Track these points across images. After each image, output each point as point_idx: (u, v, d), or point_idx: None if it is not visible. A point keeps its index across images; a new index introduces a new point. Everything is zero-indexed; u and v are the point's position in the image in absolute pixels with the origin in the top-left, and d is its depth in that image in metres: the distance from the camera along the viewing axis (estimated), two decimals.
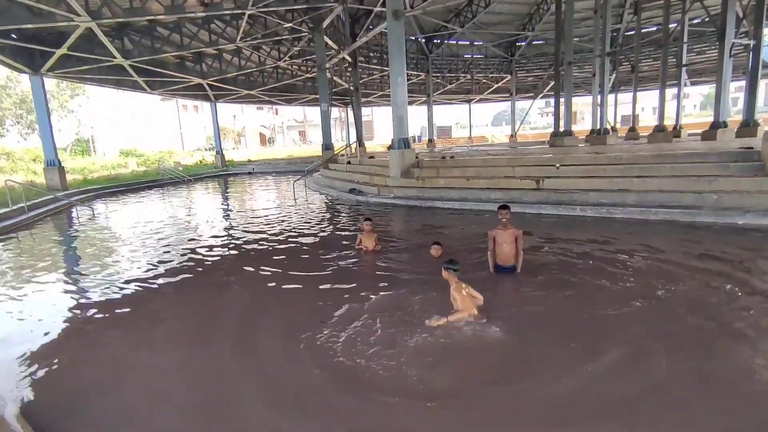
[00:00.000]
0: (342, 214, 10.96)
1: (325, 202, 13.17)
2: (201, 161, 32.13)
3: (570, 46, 18.17)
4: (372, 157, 17.20)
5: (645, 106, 51.34)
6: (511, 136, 33.04)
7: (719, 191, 7.23)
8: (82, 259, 7.71)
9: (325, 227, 9.14)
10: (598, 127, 19.12)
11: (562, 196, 8.71)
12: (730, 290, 4.32)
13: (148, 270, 6.34)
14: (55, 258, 7.67)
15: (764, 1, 14.18)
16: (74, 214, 13.10)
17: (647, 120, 41.09)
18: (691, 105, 59.54)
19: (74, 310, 5.00)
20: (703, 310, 3.93)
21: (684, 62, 19.18)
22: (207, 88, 24.86)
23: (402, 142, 12.21)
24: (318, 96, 29.58)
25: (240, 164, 31.27)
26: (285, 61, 23.78)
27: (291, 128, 59.89)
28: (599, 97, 18.86)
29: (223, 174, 27.72)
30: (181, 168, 26.13)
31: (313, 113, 52.71)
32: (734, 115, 20.70)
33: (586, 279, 4.89)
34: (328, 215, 11.00)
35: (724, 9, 13.89)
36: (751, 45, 15.62)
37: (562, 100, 19.85)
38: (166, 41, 18.55)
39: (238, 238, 8.32)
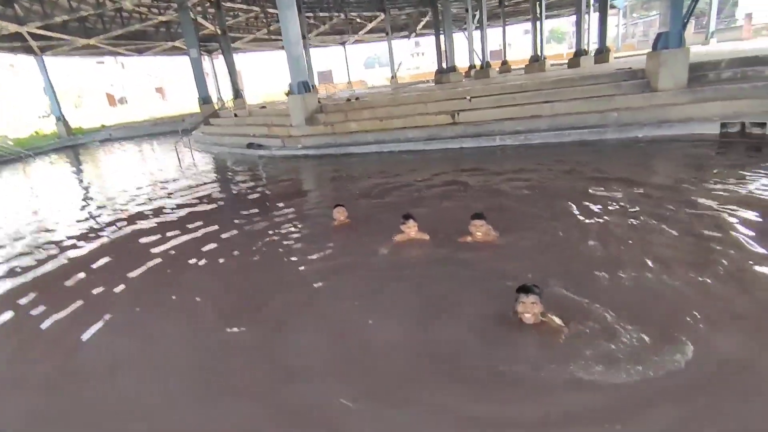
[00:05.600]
0: (248, 175, 9.74)
1: (225, 164, 11.55)
2: (37, 132, 26.24)
3: None
4: (264, 106, 15.68)
5: (500, 42, 55.13)
6: (392, 77, 32.95)
7: (617, 109, 7.98)
8: None
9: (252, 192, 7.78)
10: (479, 61, 19.90)
11: (479, 128, 8.86)
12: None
13: None
14: None
15: None
16: None
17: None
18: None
19: None
20: None
21: None
22: (28, 37, 19.77)
23: (302, 86, 11.16)
24: (177, 43, 25.94)
25: (91, 131, 26.27)
26: (130, 1, 19.83)
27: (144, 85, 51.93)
28: (479, 32, 19.45)
29: (72, 145, 23.08)
30: (10, 142, 20.99)
31: (171, 65, 46.29)
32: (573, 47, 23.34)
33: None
34: (242, 180, 9.73)
35: None
36: None
37: (442, 37, 20.05)
38: None
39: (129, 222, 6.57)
